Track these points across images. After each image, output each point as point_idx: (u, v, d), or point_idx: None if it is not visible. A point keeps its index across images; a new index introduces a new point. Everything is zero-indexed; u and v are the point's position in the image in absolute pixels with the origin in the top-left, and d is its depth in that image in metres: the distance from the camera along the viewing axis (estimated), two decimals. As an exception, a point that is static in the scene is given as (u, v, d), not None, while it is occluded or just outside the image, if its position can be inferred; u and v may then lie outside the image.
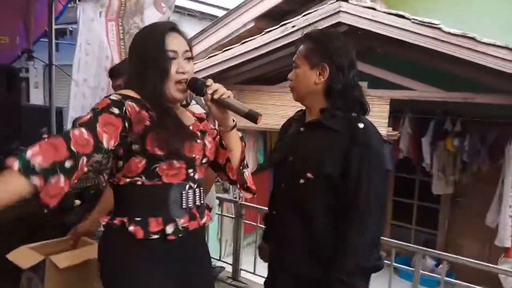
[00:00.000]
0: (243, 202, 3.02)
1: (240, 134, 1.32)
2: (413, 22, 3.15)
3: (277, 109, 4.26)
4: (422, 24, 3.12)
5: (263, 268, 2.95)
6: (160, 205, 1.18)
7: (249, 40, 3.88)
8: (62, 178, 0.97)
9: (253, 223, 3.03)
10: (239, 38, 4.21)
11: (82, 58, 3.00)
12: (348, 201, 1.21)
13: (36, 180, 0.93)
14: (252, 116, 1.17)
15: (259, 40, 3.80)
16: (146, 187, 1.17)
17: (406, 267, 2.81)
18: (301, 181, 1.27)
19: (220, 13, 5.46)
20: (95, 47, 3.06)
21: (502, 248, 3.85)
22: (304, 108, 1.43)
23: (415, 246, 2.51)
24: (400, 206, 5.29)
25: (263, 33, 3.81)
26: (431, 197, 4.97)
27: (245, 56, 3.94)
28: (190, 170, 1.23)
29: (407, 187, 5.26)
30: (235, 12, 4.51)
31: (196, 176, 1.25)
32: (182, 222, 1.20)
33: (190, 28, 6.35)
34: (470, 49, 2.98)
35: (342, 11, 3.34)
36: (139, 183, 1.16)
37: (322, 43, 1.30)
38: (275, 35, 3.70)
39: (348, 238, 1.19)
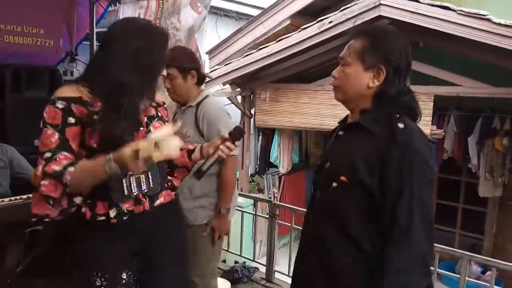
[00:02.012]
0: (277, 202, 2.97)
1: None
2: (458, 14, 2.98)
3: (311, 108, 4.19)
4: (469, 15, 2.95)
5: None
6: (105, 192, 1.28)
7: (285, 38, 3.82)
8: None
9: (288, 224, 2.97)
10: (275, 36, 4.17)
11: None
12: (386, 211, 1.08)
13: None
14: (198, 173, 1.41)
15: (295, 37, 3.73)
16: None
17: (450, 273, 2.65)
18: (334, 184, 1.18)
19: (256, 12, 5.44)
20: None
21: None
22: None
23: (460, 251, 2.35)
24: (444, 209, 5.05)
25: (299, 30, 3.74)
26: (477, 200, 4.70)
27: (281, 54, 3.89)
28: None
29: (452, 189, 5.02)
30: (271, 10, 4.48)
31: None
32: (126, 206, 1.32)
33: (226, 28, 6.38)
34: (523, 40, 2.79)
35: (383, 4, 3.22)
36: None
37: (380, 42, 1.16)
38: (312, 31, 3.63)
39: (389, 253, 1.06)
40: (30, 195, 2.07)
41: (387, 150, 1.09)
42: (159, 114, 1.44)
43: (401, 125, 1.11)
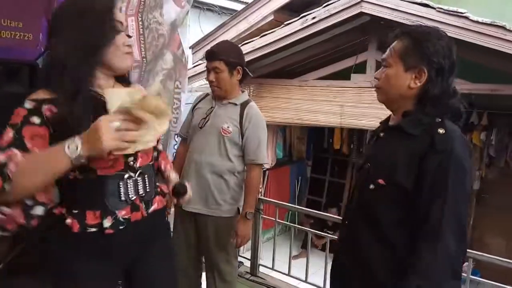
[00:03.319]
0: (262, 197, 2.99)
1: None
2: (438, 11, 3.04)
3: (294, 103, 4.21)
4: (448, 13, 3.01)
5: (282, 264, 2.95)
6: (97, 199, 1.14)
7: (269, 33, 3.83)
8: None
9: (272, 218, 3.00)
10: (259, 32, 4.17)
11: (103, 53, 3.02)
12: (420, 214, 1.07)
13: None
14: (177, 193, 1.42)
15: (279, 32, 3.75)
16: (80, 181, 1.12)
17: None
18: (371, 186, 1.18)
19: (239, 7, 5.42)
20: (115, 43, 3.07)
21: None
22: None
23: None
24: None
25: (283, 25, 3.76)
26: (456, 193, 4.83)
27: (265, 49, 3.90)
28: (130, 159, 1.18)
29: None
30: (255, 5, 4.47)
31: (137, 164, 1.21)
32: (123, 214, 1.17)
33: (209, 23, 6.34)
34: (499, 38, 2.86)
35: (364, 1, 3.26)
36: (71, 177, 1.11)
37: (421, 42, 1.15)
38: (295, 27, 3.65)
39: (420, 257, 1.05)
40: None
41: (426, 155, 1.08)
42: None
43: (441, 131, 1.10)
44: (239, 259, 3.10)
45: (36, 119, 1.05)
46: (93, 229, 1.13)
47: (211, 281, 2.17)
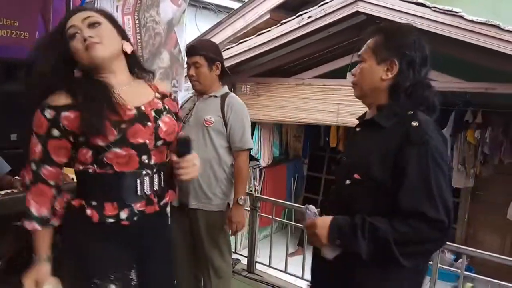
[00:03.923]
0: (258, 195, 3.01)
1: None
2: (433, 11, 3.07)
3: (291, 101, 4.24)
4: (443, 12, 3.04)
5: (279, 261, 2.97)
6: (115, 192, 1.21)
7: (265, 32, 3.85)
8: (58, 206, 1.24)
9: (269, 216, 3.02)
10: (255, 30, 4.18)
11: (100, 52, 3.02)
12: (404, 208, 1.07)
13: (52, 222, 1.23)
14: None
15: (275, 31, 3.77)
16: (99, 175, 1.20)
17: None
18: (348, 181, 1.20)
19: (235, 5, 5.43)
20: (112, 41, 3.06)
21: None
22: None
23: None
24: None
25: (279, 24, 3.77)
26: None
27: (261, 48, 3.92)
28: (144, 157, 1.22)
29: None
30: (251, 4, 4.48)
31: (152, 162, 1.24)
32: (138, 206, 1.24)
33: (205, 21, 6.34)
34: (493, 37, 2.89)
35: (360, 0, 3.27)
36: (90, 171, 1.20)
37: (392, 37, 1.20)
38: (291, 26, 3.67)
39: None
40: (14, 190, 2.06)
41: (401, 148, 1.10)
42: (166, 107, 1.32)
43: (415, 123, 1.11)
44: (236, 256, 3.13)
45: (56, 132, 1.17)
46: (111, 220, 1.21)
47: (206, 278, 2.20)
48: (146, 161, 1.23)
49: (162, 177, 1.29)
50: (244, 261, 3.02)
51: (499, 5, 3.92)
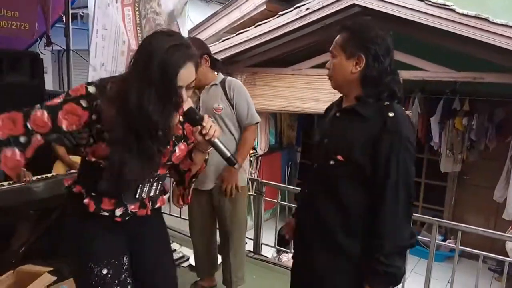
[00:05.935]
0: (263, 180, 3.16)
1: (207, 156, 1.47)
2: (426, 4, 3.21)
3: (287, 91, 4.35)
4: (435, 5, 3.19)
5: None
6: (114, 191, 1.27)
7: (264, 23, 3.94)
8: (17, 151, 1.11)
9: (274, 200, 3.17)
10: (251, 21, 4.27)
11: (99, 43, 3.04)
12: (379, 185, 1.26)
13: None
14: (230, 161, 1.35)
15: (274, 22, 3.86)
16: (103, 169, 1.23)
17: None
18: (332, 162, 1.35)
19: (228, -4, 5.47)
20: (112, 32, 3.08)
21: (507, 223, 4.02)
22: None
23: (431, 217, 2.65)
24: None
25: (277, 15, 3.87)
26: (438, 175, 5.11)
27: (259, 39, 4.01)
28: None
29: (415, 166, 5.37)
30: (247, -6, 4.54)
31: (156, 173, 1.34)
32: (132, 208, 1.33)
33: (197, 11, 6.36)
34: (482, 29, 3.06)
35: (356, -7, 3.40)
36: (101, 165, 1.23)
37: (357, 33, 1.33)
38: (290, 17, 3.77)
39: (383, 220, 1.27)
40: (33, 179, 2.14)
41: (379, 136, 1.26)
42: (185, 133, 1.38)
43: (391, 114, 1.28)
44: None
45: (84, 103, 1.16)
46: (106, 213, 1.28)
47: (225, 256, 2.33)
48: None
49: (160, 185, 1.39)
50: (250, 243, 3.15)
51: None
